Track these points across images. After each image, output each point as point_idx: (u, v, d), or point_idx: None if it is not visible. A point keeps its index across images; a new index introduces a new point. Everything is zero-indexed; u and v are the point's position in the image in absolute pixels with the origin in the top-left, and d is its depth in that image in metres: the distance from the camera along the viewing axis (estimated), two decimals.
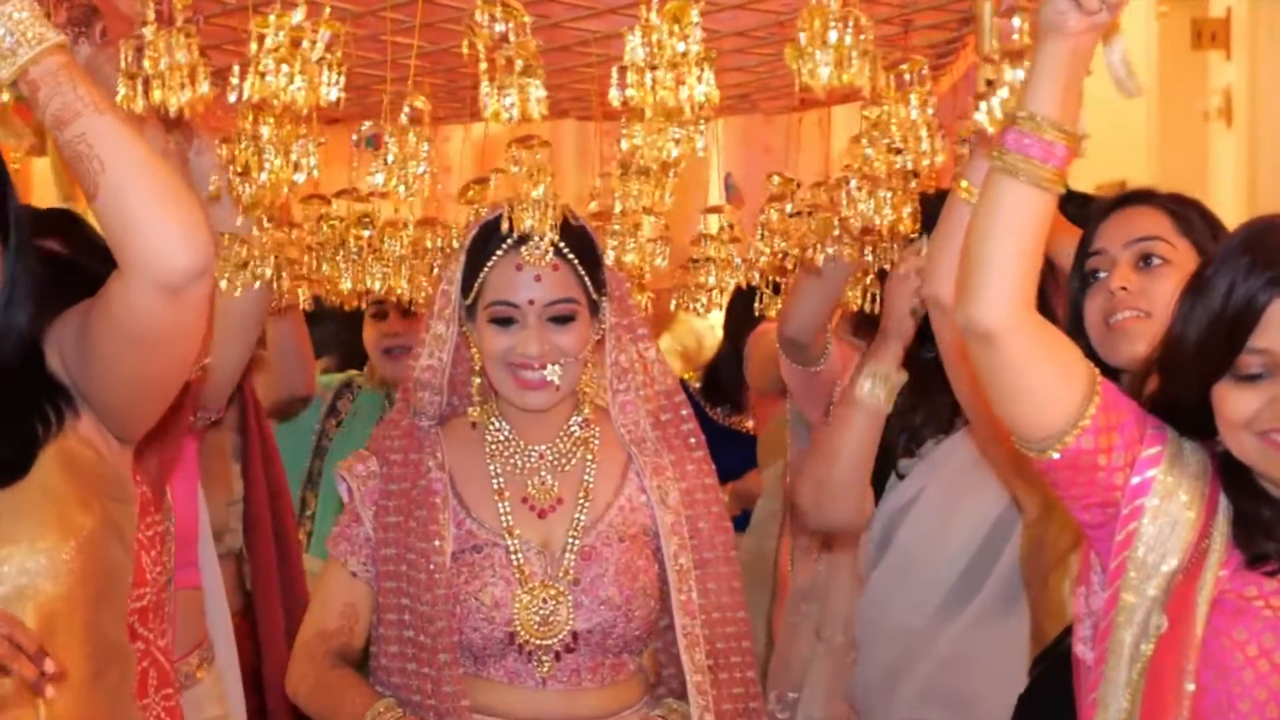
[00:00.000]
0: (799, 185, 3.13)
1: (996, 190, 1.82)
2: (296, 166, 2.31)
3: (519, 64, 2.10)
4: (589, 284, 2.50)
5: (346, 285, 3.02)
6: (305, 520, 3.94)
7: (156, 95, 2.08)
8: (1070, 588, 2.34)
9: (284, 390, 3.64)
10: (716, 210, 3.27)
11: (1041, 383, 1.85)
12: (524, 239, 2.45)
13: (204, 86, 2.09)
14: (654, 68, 2.02)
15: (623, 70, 2.03)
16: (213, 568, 2.87)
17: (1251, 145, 6.25)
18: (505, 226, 2.44)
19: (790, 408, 3.74)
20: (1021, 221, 1.81)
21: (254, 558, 3.41)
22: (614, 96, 2.05)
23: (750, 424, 4.93)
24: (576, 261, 2.48)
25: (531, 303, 2.46)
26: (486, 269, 2.48)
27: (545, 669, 2.43)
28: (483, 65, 2.12)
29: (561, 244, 2.47)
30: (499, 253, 2.47)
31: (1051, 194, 1.82)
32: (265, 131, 2.28)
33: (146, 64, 2.07)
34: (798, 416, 3.63)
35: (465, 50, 2.15)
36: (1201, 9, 6.52)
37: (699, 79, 2.03)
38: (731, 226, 3.26)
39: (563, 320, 2.47)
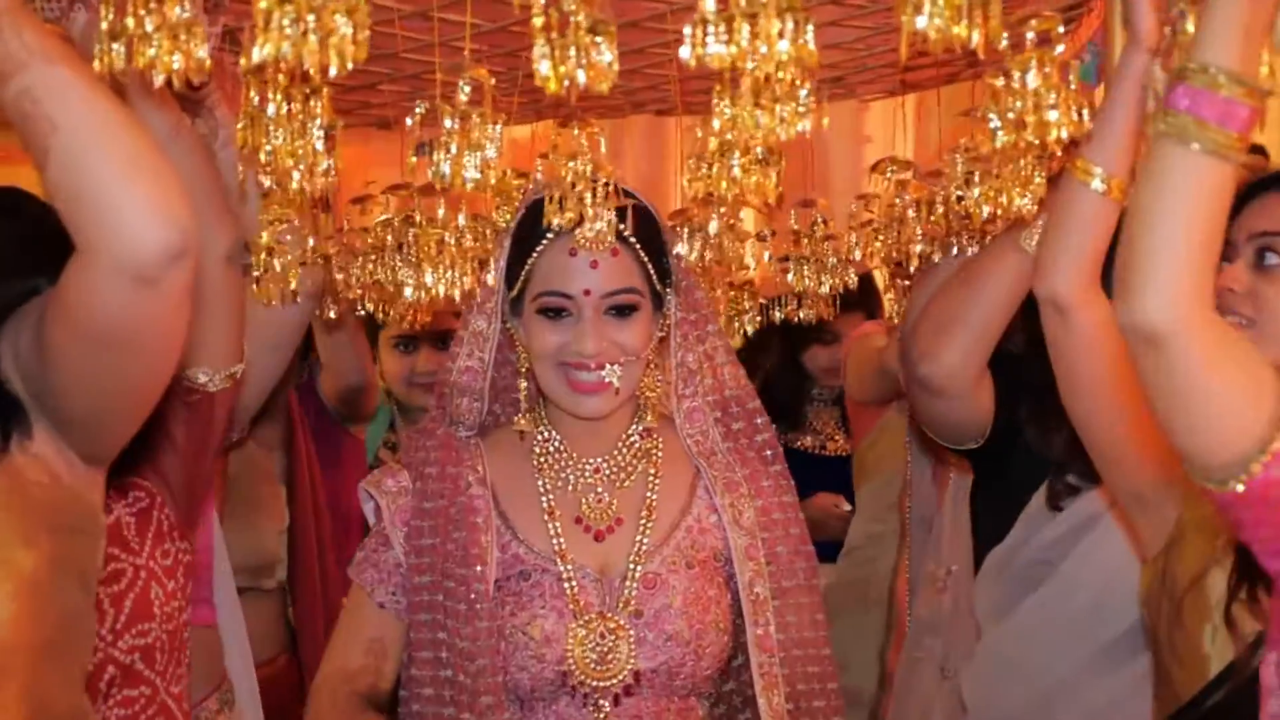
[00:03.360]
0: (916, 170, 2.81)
1: (1164, 160, 1.52)
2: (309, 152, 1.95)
3: (581, 19, 1.73)
4: (652, 272, 2.20)
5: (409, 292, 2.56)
6: None
7: (142, 60, 1.69)
8: (1212, 633, 2.02)
9: (341, 380, 3.43)
10: (809, 204, 2.92)
11: (1221, 396, 1.54)
12: (579, 220, 2.13)
13: (202, 50, 1.72)
14: (730, 19, 1.68)
15: (698, 25, 1.69)
16: (231, 603, 2.58)
17: (1274, 144, 6.05)
18: (546, 218, 2.08)
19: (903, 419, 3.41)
20: (1195, 198, 1.51)
21: (299, 591, 3.12)
22: (685, 55, 1.70)
23: (807, 440, 4.61)
24: (639, 246, 2.18)
25: (587, 293, 2.15)
26: (535, 255, 2.17)
27: (603, 715, 2.12)
28: (537, 21, 1.76)
29: (622, 226, 2.16)
30: (549, 236, 2.16)
31: (1231, 163, 1.51)
32: (270, 109, 1.92)
33: (130, 22, 1.71)
34: (916, 430, 3.26)
35: (516, 4, 1.80)
36: None
37: (780, 33, 1.68)
38: (826, 222, 2.93)
39: (623, 312, 2.16)
